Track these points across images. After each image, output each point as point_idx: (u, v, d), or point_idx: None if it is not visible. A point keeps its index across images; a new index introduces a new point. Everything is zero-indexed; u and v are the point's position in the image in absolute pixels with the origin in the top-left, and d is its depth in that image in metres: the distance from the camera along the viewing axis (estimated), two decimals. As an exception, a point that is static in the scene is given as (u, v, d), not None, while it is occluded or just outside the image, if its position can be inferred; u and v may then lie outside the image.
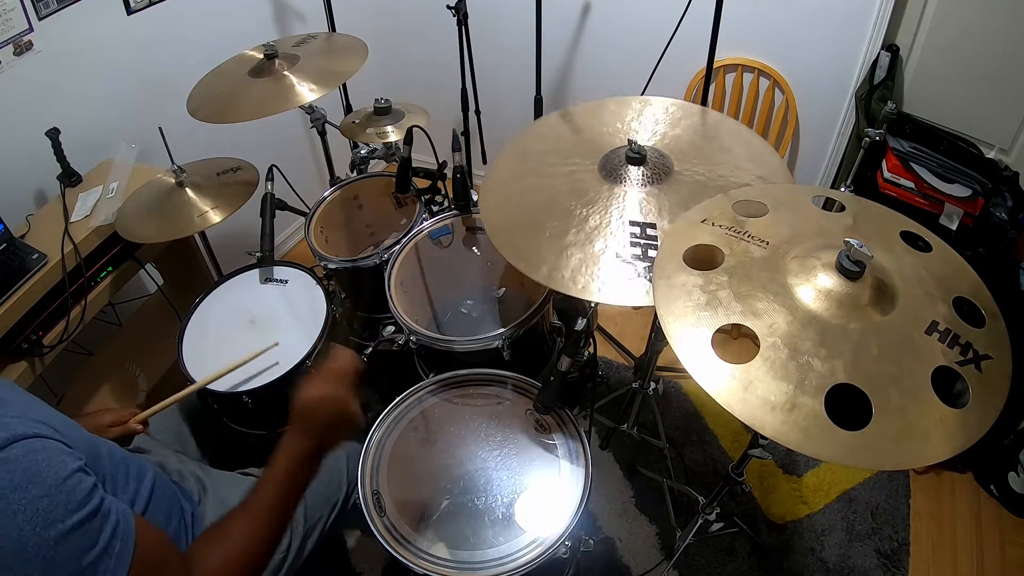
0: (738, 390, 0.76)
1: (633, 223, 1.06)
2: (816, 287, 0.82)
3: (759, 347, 0.78)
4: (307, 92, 1.54)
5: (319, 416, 0.86)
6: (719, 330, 0.81)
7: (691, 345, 0.80)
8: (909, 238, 0.94)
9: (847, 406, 0.74)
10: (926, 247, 0.93)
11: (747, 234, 0.92)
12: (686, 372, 0.79)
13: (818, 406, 0.73)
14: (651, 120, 1.28)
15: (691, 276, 0.87)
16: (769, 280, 0.85)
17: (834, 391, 0.74)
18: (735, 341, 0.96)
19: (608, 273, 1.00)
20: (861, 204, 1.00)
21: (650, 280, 0.98)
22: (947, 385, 0.76)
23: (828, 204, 1.03)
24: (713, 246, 0.91)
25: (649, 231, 1.04)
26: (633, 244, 1.03)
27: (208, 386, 1.29)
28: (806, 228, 0.93)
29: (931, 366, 0.76)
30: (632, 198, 1.09)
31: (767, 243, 0.90)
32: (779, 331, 0.79)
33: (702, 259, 0.90)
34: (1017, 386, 0.78)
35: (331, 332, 1.40)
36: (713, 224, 0.95)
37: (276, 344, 1.35)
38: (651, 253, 1.01)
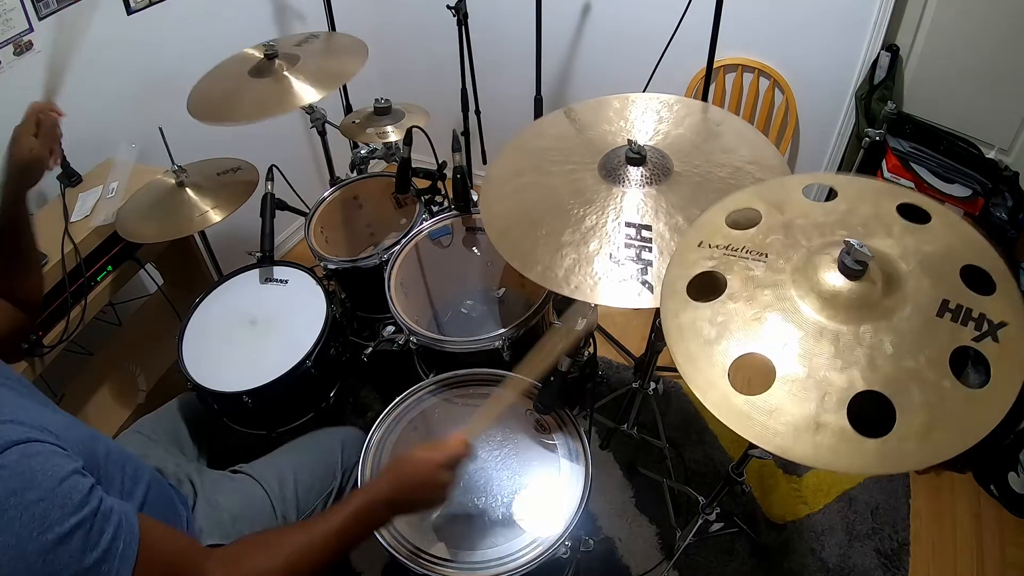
0: (765, 421, 0.73)
1: (629, 224, 1.05)
2: (821, 296, 0.80)
3: (775, 369, 0.77)
4: (307, 94, 1.54)
5: (411, 475, 0.85)
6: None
7: (715, 390, 0.77)
8: (906, 212, 0.90)
9: (869, 410, 0.73)
10: (926, 217, 0.89)
11: (744, 250, 0.89)
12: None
13: (842, 420, 0.71)
14: (654, 118, 1.27)
15: (698, 310, 0.85)
16: (773, 299, 0.82)
17: (854, 399, 0.73)
18: (748, 365, 0.94)
19: (601, 274, 1.00)
20: (854, 184, 0.97)
21: (642, 283, 0.98)
22: (965, 365, 0.75)
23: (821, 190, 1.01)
24: (713, 272, 0.89)
25: (644, 233, 1.04)
26: (628, 246, 1.02)
27: (209, 387, 1.29)
28: (802, 227, 0.91)
29: (948, 350, 0.73)
30: (630, 199, 1.09)
31: (765, 256, 0.88)
32: (792, 350, 0.77)
33: (705, 287, 0.88)
34: (1017, 386, 0.78)
35: (331, 332, 1.40)
36: (709, 246, 0.92)
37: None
38: (645, 255, 1.01)
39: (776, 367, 0.77)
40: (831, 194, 0.96)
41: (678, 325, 0.84)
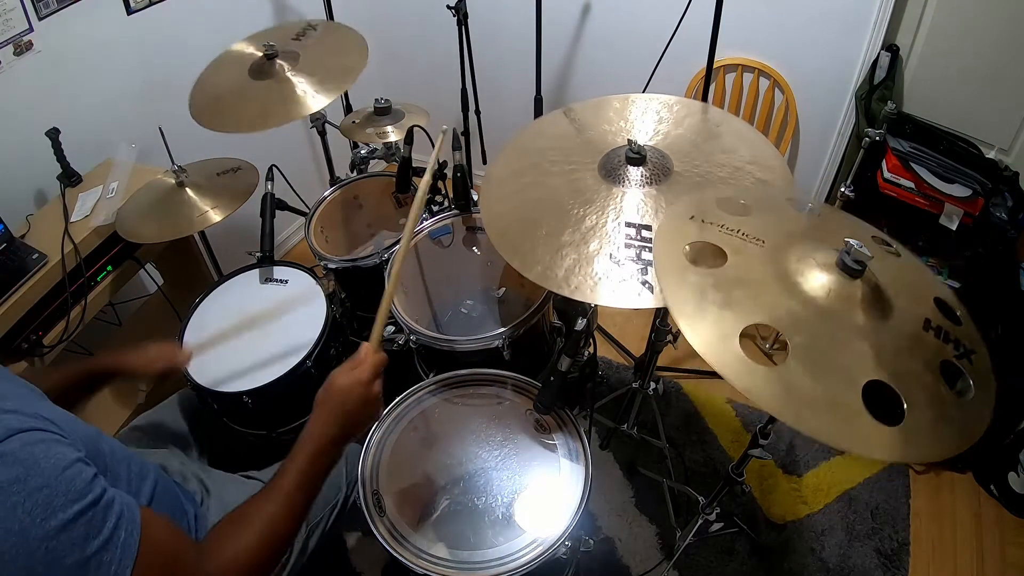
0: (782, 395, 0.73)
1: (629, 224, 1.05)
2: (824, 285, 0.82)
3: (772, 354, 0.77)
4: (313, 102, 1.52)
5: (348, 404, 0.85)
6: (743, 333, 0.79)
7: (721, 349, 0.76)
8: (880, 242, 0.95)
9: (876, 405, 0.74)
10: (895, 253, 0.94)
11: (740, 232, 0.91)
12: (686, 372, 0.78)
13: (858, 403, 0.73)
14: (654, 118, 1.27)
15: (700, 275, 0.85)
16: (777, 278, 0.83)
17: (867, 387, 0.74)
18: (747, 348, 0.94)
19: (601, 274, 1.00)
20: (831, 210, 1.01)
21: (642, 283, 0.98)
22: (952, 379, 0.78)
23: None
24: (713, 244, 0.90)
25: (644, 233, 1.04)
26: (628, 246, 1.02)
27: (209, 387, 1.29)
28: (793, 229, 0.93)
29: (936, 360, 0.77)
30: (630, 199, 1.09)
31: (763, 242, 0.89)
32: (803, 329, 0.78)
33: (704, 257, 0.89)
34: (1017, 386, 0.78)
35: (331, 332, 1.40)
36: (704, 221, 0.93)
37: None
38: (645, 256, 1.01)
39: (788, 340, 0.77)
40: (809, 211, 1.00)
41: (680, 283, 0.84)
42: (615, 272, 1.00)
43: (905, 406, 0.72)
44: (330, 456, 0.85)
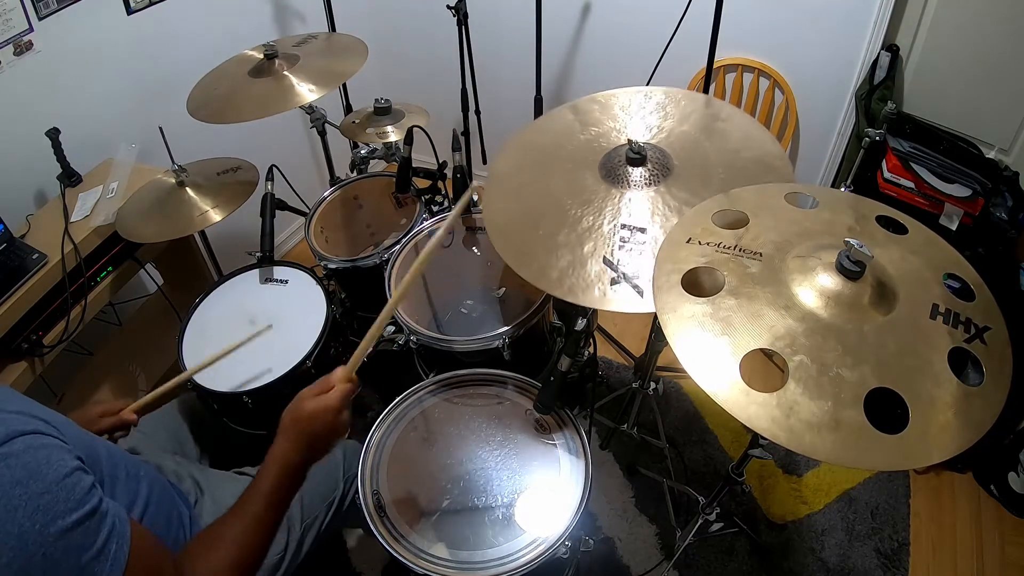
0: (782, 419, 0.73)
1: (625, 226, 1.05)
2: (823, 295, 0.81)
3: (785, 367, 0.76)
4: (307, 92, 1.54)
5: (314, 429, 0.85)
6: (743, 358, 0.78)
7: (725, 385, 0.76)
8: (885, 223, 0.93)
9: (881, 408, 0.74)
10: (903, 229, 0.92)
11: (737, 248, 0.89)
12: (686, 372, 0.77)
13: (860, 417, 0.72)
14: (658, 115, 1.26)
15: (697, 305, 0.84)
16: (775, 295, 0.82)
17: (869, 396, 0.73)
18: (759, 364, 0.92)
19: (595, 276, 1.00)
20: (832, 195, 1.00)
21: (634, 287, 0.97)
22: (961, 366, 0.77)
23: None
24: (709, 268, 0.88)
25: (640, 236, 1.04)
26: (622, 248, 1.02)
27: (209, 387, 1.29)
28: (791, 231, 0.91)
29: (945, 350, 0.76)
30: (628, 200, 1.09)
31: (760, 255, 0.88)
32: (802, 347, 0.77)
33: (702, 283, 0.88)
34: (1017, 385, 0.78)
35: (331, 332, 1.40)
36: (700, 243, 0.92)
37: (270, 327, 1.37)
38: (640, 258, 1.00)
39: (787, 362, 0.76)
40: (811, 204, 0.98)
41: (678, 318, 0.84)
42: (609, 274, 1.00)
43: (910, 413, 0.71)
44: (296, 479, 0.85)
